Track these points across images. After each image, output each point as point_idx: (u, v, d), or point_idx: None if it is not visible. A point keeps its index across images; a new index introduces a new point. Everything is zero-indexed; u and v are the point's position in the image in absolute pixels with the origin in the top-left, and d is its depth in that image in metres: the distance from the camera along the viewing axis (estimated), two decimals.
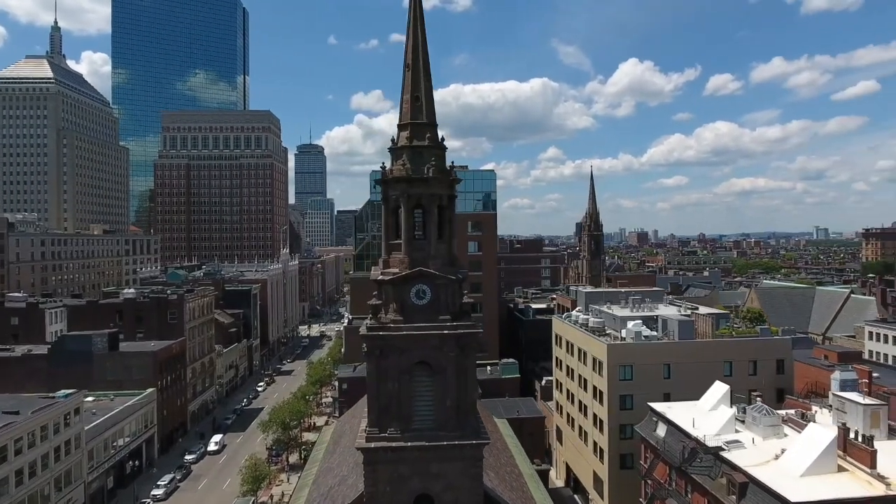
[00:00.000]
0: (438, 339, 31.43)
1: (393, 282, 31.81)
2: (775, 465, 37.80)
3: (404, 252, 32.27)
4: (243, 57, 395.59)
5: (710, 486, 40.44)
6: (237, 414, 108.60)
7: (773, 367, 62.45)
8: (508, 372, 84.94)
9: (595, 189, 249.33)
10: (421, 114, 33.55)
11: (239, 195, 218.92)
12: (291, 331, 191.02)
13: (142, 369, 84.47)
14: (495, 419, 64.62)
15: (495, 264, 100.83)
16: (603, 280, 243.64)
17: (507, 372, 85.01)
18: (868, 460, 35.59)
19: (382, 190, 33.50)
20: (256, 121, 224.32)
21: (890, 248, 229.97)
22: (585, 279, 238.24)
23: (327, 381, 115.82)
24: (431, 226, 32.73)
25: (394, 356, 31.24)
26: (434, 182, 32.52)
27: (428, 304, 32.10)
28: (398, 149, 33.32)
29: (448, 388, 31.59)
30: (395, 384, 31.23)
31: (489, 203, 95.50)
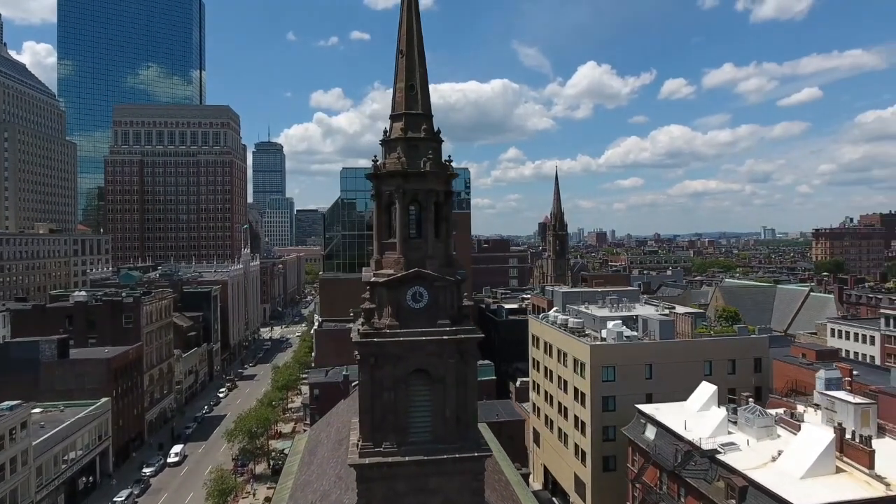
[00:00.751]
0: (437, 346, 29.29)
1: (387, 284, 29.49)
2: (773, 468, 37.21)
3: (399, 252, 29.99)
4: (199, 51, 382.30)
5: (707, 489, 39.62)
6: (198, 422, 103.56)
7: (751, 366, 62.85)
8: (484, 374, 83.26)
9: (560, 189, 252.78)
10: (416, 103, 31.33)
11: (196, 193, 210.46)
12: (253, 333, 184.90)
13: (95, 377, 79.15)
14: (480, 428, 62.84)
15: (469, 265, 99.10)
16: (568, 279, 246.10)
17: (483, 374, 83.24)
18: (866, 460, 35.35)
19: (375, 185, 31.10)
20: (214, 116, 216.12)
21: (838, 247, 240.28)
22: (551, 279, 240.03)
23: (294, 385, 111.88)
24: (428, 224, 30.53)
25: (389, 364, 28.92)
26: (431, 177, 30.33)
27: (425, 307, 29.92)
28: (391, 141, 31.01)
29: (447, 398, 29.48)
30: (390, 394, 28.91)
31: (462, 202, 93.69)
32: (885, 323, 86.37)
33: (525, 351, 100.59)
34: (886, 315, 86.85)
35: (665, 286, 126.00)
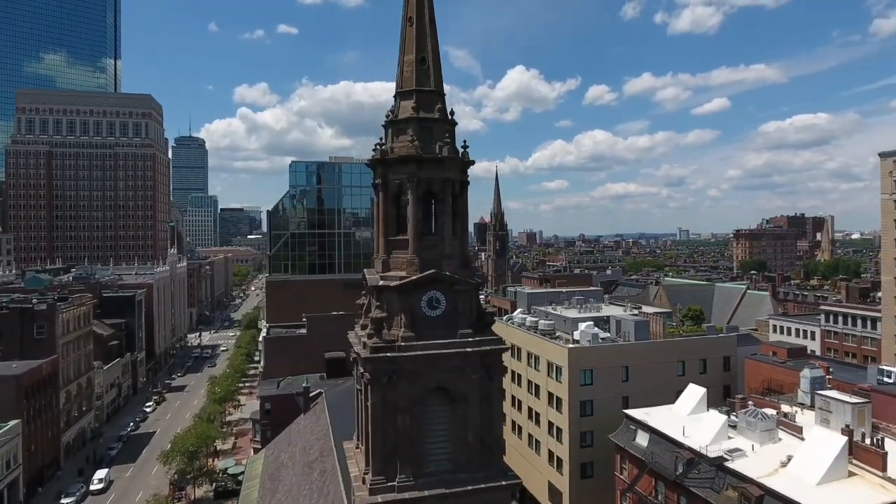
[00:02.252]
0: (460, 360, 25.30)
1: (401, 289, 25.15)
2: (786, 474, 35.78)
3: (412, 251, 25.70)
4: (115, 38, 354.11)
5: (716, 499, 37.76)
6: (123, 442, 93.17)
7: (720, 365, 62.79)
8: None
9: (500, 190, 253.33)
10: (428, 79, 27.11)
11: (113, 188, 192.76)
12: (180, 340, 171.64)
13: (1, 397, 68.65)
14: None
15: None
16: (508, 279, 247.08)
17: None
18: (880, 463, 34.52)
19: (380, 173, 26.60)
20: (135, 105, 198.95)
21: (756, 247, 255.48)
22: (491, 279, 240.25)
23: (231, 397, 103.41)
24: (445, 218, 26.45)
25: (405, 383, 24.62)
26: (449, 164, 26.28)
27: (443, 315, 25.83)
28: (400, 122, 26.62)
29: (470, 420, 25.54)
30: (405, 418, 24.59)
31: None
32: (825, 319, 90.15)
33: None
34: (826, 311, 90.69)
35: (622, 286, 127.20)
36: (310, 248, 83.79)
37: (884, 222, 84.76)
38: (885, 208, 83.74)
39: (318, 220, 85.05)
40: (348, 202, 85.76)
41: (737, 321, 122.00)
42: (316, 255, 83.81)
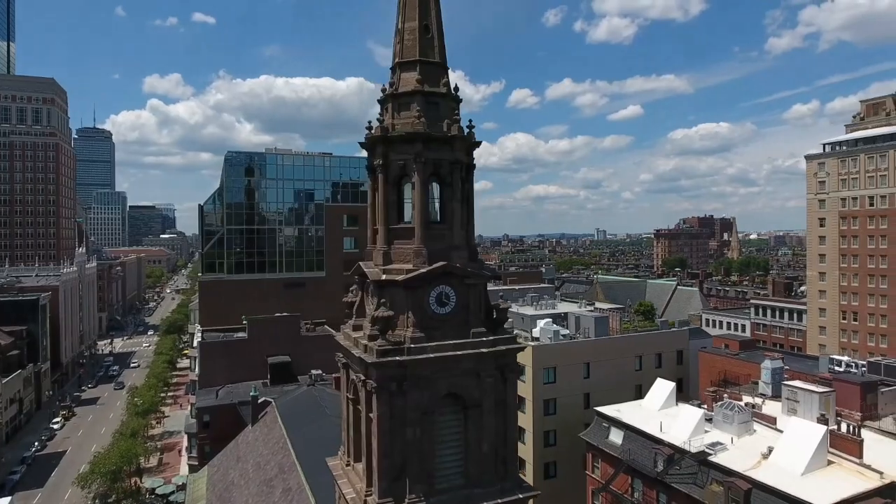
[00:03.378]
0: (474, 362, 22.65)
1: (408, 283, 22.15)
2: (770, 466, 35.88)
3: (419, 241, 22.76)
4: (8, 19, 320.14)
5: (700, 495, 37.36)
6: (28, 464, 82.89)
7: (674, 359, 63.84)
8: None
9: None
10: (432, 50, 24.27)
11: (9, 181, 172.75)
12: (89, 348, 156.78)
13: None
14: None
15: None
16: None
17: None
18: (857, 451, 35.23)
19: (379, 153, 23.45)
20: (34, 89, 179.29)
21: (674, 245, 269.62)
22: None
23: (155, 409, 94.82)
24: (455, 205, 23.68)
25: (415, 391, 21.65)
26: (459, 143, 23.54)
27: (453, 312, 23.07)
28: (403, 96, 23.59)
29: (484, 429, 22.95)
30: (415, 431, 21.65)
31: (364, 193, 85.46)
32: (755, 312, 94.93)
33: None
34: (755, 304, 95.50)
35: (569, 282, 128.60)
36: (247, 246, 77.83)
37: (809, 220, 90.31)
38: (810, 207, 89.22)
39: (258, 215, 79.27)
40: (290, 197, 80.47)
41: (669, 315, 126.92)
42: (255, 253, 77.99)
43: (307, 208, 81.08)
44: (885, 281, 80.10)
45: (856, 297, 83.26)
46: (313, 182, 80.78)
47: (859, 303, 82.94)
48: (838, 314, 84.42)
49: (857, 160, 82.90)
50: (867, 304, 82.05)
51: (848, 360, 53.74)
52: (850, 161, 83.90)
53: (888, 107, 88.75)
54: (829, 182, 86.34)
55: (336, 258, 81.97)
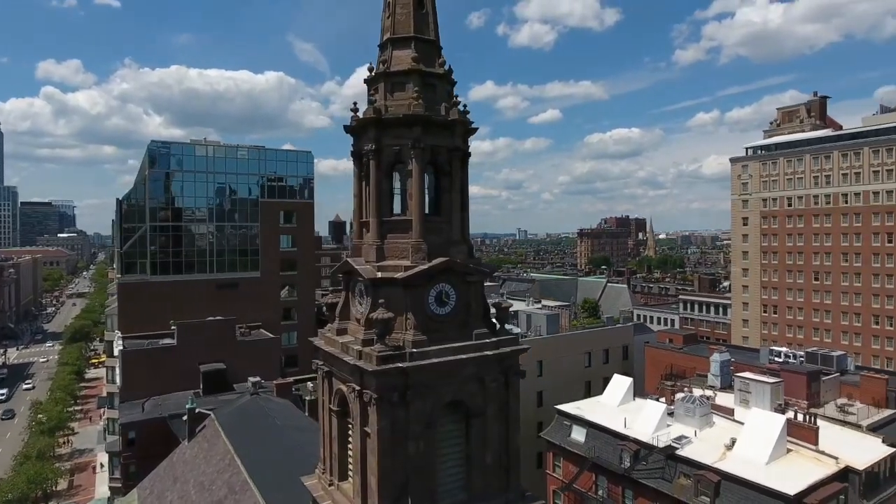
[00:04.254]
0: (478, 366, 20.90)
1: (408, 281, 20.04)
2: (735, 457, 36.70)
3: (417, 235, 20.71)
4: None
5: (669, 489, 37.64)
6: None
7: (620, 354, 65.11)
8: None
9: None
10: (427, 26, 22.26)
11: None
12: None
13: None
14: None
15: (314, 262, 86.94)
16: None
17: None
18: (813, 438, 36.66)
19: (371, 137, 21.14)
20: None
21: (596, 244, 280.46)
22: None
23: (63, 426, 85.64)
24: (454, 196, 21.85)
25: (418, 400, 19.59)
26: (459, 128, 21.70)
27: (453, 312, 21.20)
28: (397, 75, 21.42)
29: (488, 437, 21.27)
30: (417, 445, 19.60)
31: (306, 189, 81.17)
32: (683, 307, 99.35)
33: None
34: (684, 300, 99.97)
35: (510, 280, 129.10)
36: (174, 245, 71.54)
37: (733, 219, 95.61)
38: (735, 207, 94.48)
39: (185, 211, 73.08)
40: (221, 191, 74.82)
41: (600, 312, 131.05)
42: (182, 252, 71.81)
43: (240, 204, 75.81)
44: (801, 276, 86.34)
45: (776, 291, 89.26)
46: (247, 176, 75.64)
47: (779, 297, 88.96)
48: (760, 307, 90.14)
49: (777, 163, 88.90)
50: (786, 297, 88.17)
51: (787, 351, 56.94)
52: (771, 164, 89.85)
53: (801, 115, 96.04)
54: (751, 184, 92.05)
55: (272, 257, 77.31)
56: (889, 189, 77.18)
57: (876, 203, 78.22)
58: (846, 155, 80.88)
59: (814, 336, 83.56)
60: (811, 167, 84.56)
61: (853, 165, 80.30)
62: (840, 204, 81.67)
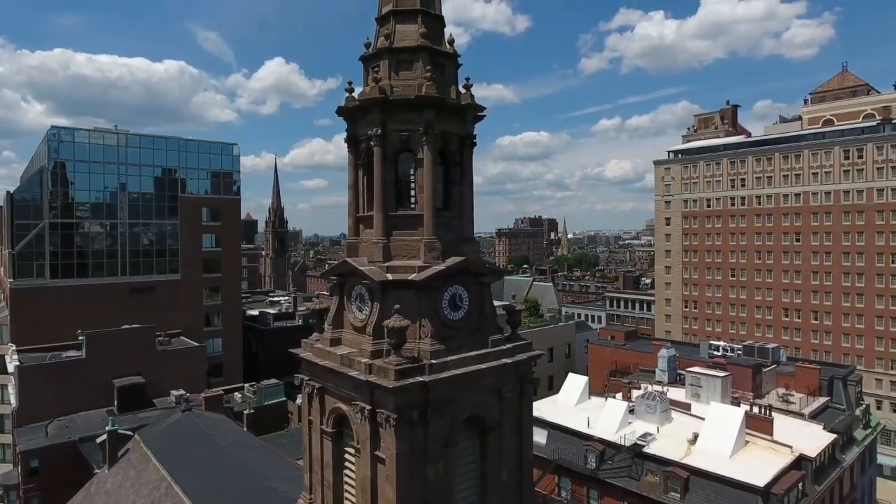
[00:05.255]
0: (496, 376, 19.01)
1: (424, 284, 17.78)
2: (700, 452, 37.33)
3: (429, 231, 18.53)
4: None
5: (637, 487, 37.66)
6: None
7: (564, 352, 65.61)
8: (272, 396, 68.22)
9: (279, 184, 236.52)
10: (433, 2, 20.05)
11: None
12: None
13: None
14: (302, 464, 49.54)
15: (239, 264, 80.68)
16: (289, 280, 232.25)
17: (272, 396, 68.24)
18: (769, 429, 38.03)
19: (378, 121, 18.61)
20: None
21: (514, 244, 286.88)
22: (269, 280, 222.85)
23: None
24: (465, 188, 19.89)
25: (438, 417, 17.41)
26: (471, 114, 19.70)
27: (466, 317, 19.20)
28: (403, 51, 19.10)
29: (504, 454, 19.48)
30: (437, 468, 17.44)
31: (232, 185, 75.02)
32: (609, 304, 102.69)
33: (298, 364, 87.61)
34: (609, 297, 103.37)
35: None
36: (79, 244, 63.45)
37: (657, 219, 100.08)
38: (658, 207, 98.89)
39: (92, 206, 65.01)
40: (135, 185, 67.22)
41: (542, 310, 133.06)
42: (89, 252, 63.81)
43: (157, 199, 68.65)
44: (719, 273, 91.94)
45: (696, 287, 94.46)
46: (165, 169, 68.62)
47: (699, 293, 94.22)
48: (681, 303, 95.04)
49: (698, 166, 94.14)
50: (705, 293, 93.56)
51: (725, 345, 59.82)
52: (692, 167, 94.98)
53: (716, 121, 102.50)
54: (673, 185, 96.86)
55: (194, 258, 70.78)
56: (797, 192, 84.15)
57: (786, 205, 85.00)
58: (759, 160, 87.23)
59: (730, 329, 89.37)
60: (728, 171, 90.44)
61: (765, 170, 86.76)
62: (754, 205, 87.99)
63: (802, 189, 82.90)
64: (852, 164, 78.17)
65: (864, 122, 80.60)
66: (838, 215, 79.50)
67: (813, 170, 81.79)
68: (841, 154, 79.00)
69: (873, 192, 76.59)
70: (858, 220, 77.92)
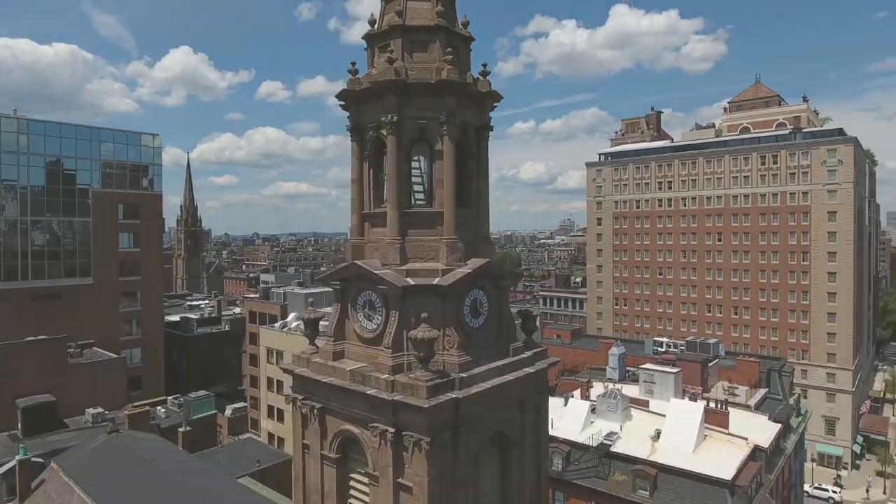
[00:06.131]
0: (520, 387, 17.58)
1: (450, 290, 16.02)
2: (664, 448, 37.85)
3: (450, 231, 16.85)
4: None
5: (605, 487, 37.69)
6: None
7: None
8: (202, 409, 62.91)
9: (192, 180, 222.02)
10: None
11: None
12: None
13: None
14: (247, 484, 45.60)
15: (161, 265, 73.74)
16: (203, 282, 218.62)
17: (200, 409, 62.90)
18: (725, 423, 39.32)
19: (393, 106, 16.58)
20: None
21: None
22: (182, 281, 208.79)
23: None
24: (482, 183, 18.31)
25: (466, 436, 15.73)
26: (489, 101, 18.11)
27: (486, 324, 17.64)
28: (416, 31, 17.27)
29: (526, 471, 18.14)
30: (467, 493, 15.81)
31: (153, 179, 68.24)
32: (543, 302, 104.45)
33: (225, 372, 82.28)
34: (543, 295, 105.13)
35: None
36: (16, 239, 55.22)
37: (588, 219, 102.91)
38: (590, 208, 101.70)
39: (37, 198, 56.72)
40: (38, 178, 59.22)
41: None
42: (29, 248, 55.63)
43: (65, 194, 61.08)
44: (648, 271, 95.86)
45: (626, 285, 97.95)
46: (75, 160, 61.09)
47: (628, 291, 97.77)
48: (612, 301, 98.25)
49: (627, 169, 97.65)
50: (634, 291, 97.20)
51: (668, 342, 61.88)
52: (622, 169, 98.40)
53: (642, 126, 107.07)
54: (604, 187, 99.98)
55: (108, 259, 63.76)
56: (719, 195, 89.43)
57: (709, 206, 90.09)
58: (685, 164, 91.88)
59: (658, 325, 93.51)
60: (656, 173, 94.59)
61: (690, 173, 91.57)
62: (680, 207, 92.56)
63: (724, 192, 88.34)
64: (768, 170, 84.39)
65: (777, 131, 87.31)
66: (756, 217, 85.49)
67: (733, 174, 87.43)
68: (758, 160, 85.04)
69: (786, 195, 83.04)
70: (774, 222, 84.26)
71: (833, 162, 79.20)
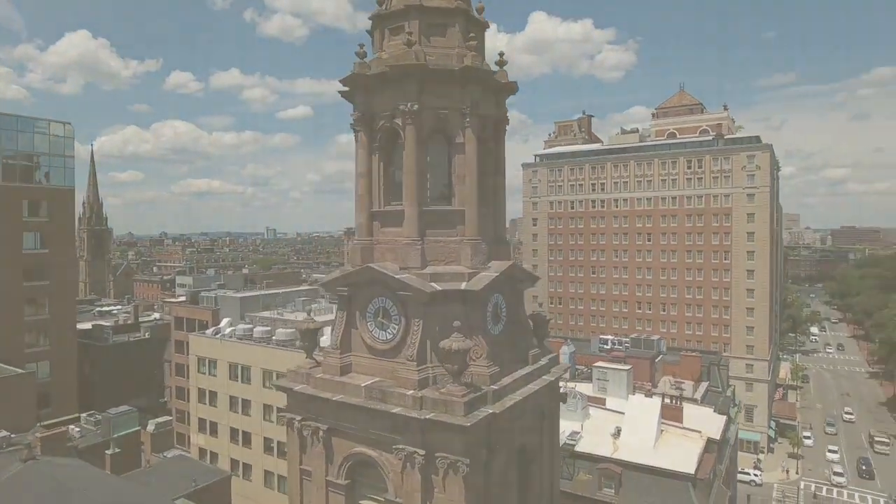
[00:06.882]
0: (542, 397, 16.61)
1: (477, 295, 14.77)
2: (626, 445, 38.24)
3: (473, 232, 15.70)
4: None
5: (570, 487, 37.61)
6: None
7: None
8: (124, 426, 57.27)
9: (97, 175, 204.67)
10: None
11: None
12: None
13: None
14: None
15: (75, 269, 66.23)
16: (110, 287, 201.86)
17: (123, 426, 57.25)
18: (680, 417, 40.50)
19: (413, 94, 15.09)
20: None
21: None
22: (85, 286, 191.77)
23: None
24: (499, 180, 17.18)
25: (498, 454, 14.54)
26: (506, 94, 16.99)
27: (505, 330, 16.54)
28: (432, 13, 16.09)
29: (544, 483, 17.22)
30: None
31: (64, 172, 61.12)
32: None
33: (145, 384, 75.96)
34: None
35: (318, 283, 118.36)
36: None
37: (524, 219, 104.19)
38: (525, 209, 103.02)
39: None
40: None
41: None
42: None
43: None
44: (581, 270, 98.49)
45: (561, 284, 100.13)
46: None
47: (563, 289, 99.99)
48: (548, 299, 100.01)
49: (562, 170, 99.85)
50: (569, 289, 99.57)
51: (613, 339, 63.38)
52: (557, 171, 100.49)
53: (574, 129, 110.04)
54: (540, 187, 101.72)
55: (10, 262, 56.48)
56: (649, 196, 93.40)
57: (640, 207, 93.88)
58: (617, 166, 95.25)
59: (591, 323, 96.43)
60: (590, 175, 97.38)
61: (622, 175, 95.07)
62: (612, 208, 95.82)
63: (654, 194, 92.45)
64: (693, 173, 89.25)
65: (700, 137, 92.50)
66: (682, 218, 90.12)
67: (661, 177, 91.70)
68: (685, 163, 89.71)
69: (710, 198, 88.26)
70: (699, 223, 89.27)
71: (752, 167, 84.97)
